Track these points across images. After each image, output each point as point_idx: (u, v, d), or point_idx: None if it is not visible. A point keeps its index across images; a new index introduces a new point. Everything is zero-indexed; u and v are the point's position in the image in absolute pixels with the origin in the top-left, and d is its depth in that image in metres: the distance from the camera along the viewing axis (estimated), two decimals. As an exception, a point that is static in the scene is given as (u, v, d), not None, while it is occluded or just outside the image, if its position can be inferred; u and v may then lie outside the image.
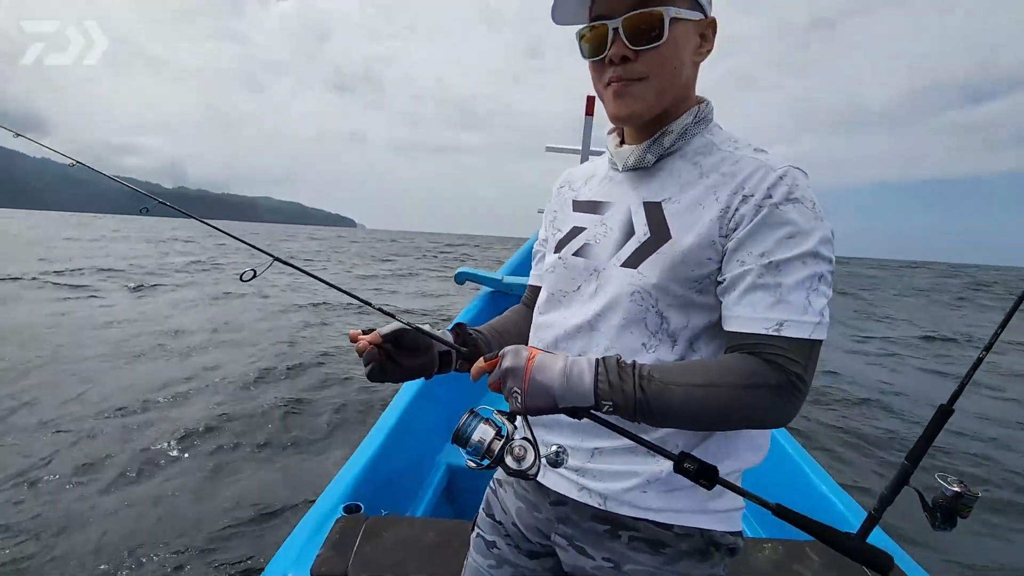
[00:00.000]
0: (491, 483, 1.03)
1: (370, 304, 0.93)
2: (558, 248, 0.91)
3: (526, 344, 0.94)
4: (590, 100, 3.03)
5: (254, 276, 0.89)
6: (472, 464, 0.72)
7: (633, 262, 0.79)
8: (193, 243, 29.02)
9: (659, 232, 0.78)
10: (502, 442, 0.71)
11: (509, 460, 0.70)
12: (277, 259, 0.96)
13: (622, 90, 0.78)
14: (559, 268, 0.89)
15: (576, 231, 0.90)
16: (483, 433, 0.71)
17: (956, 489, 0.82)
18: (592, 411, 0.69)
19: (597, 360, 0.70)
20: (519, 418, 0.73)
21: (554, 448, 0.76)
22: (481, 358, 0.74)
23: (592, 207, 0.90)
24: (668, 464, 0.70)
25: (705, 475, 0.66)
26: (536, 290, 1.03)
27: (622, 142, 0.89)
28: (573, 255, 0.87)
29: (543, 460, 0.72)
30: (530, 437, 0.72)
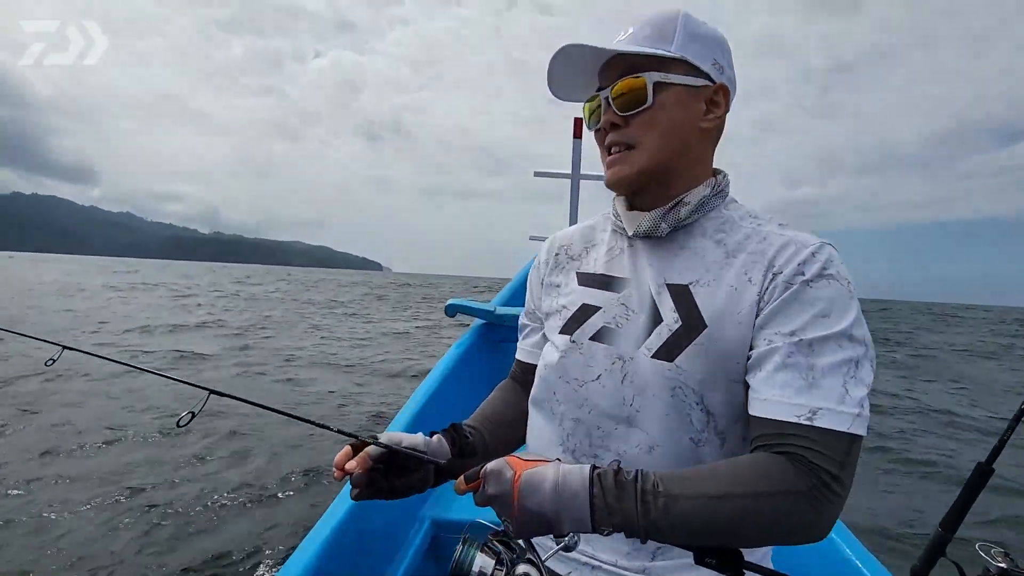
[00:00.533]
0: None
1: (328, 427, 0.83)
2: (568, 329, 0.82)
3: (521, 430, 0.90)
4: (577, 122, 2.82)
5: (192, 419, 0.78)
6: None
7: (667, 354, 0.72)
8: (220, 294, 25.86)
9: (692, 320, 0.72)
10: (504, 571, 0.65)
11: None
12: (214, 392, 0.85)
13: (616, 159, 0.78)
14: (574, 354, 0.80)
15: (589, 310, 0.81)
16: (482, 563, 0.65)
17: (1001, 564, 0.72)
18: None
19: (592, 475, 0.61)
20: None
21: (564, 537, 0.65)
22: (462, 477, 0.65)
23: (604, 282, 0.83)
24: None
25: (732, 565, 0.60)
26: (525, 366, 0.95)
27: (631, 206, 0.84)
28: (591, 339, 0.79)
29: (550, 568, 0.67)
30: (534, 559, 0.65)
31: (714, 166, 0.83)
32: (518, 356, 0.98)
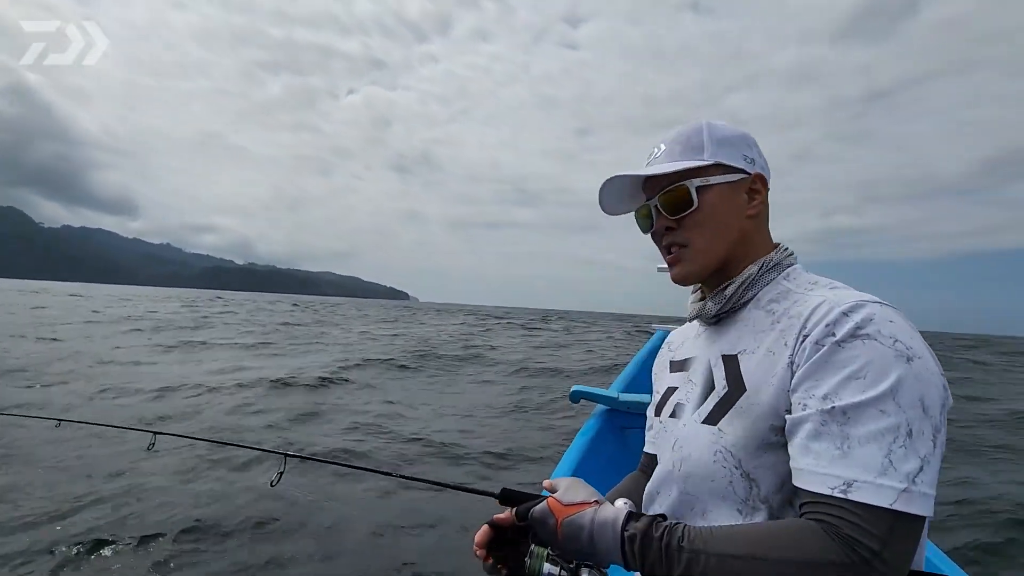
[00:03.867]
0: None
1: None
2: (657, 411, 0.93)
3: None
4: None
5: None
6: None
7: (713, 418, 0.77)
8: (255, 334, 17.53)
9: (735, 385, 0.76)
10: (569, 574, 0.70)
11: None
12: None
13: (674, 258, 0.85)
14: (660, 432, 0.90)
15: (670, 392, 0.91)
16: (550, 569, 0.71)
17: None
18: None
19: (623, 533, 0.67)
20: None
21: None
22: (515, 513, 0.76)
23: (682, 365, 0.92)
24: None
25: None
26: (650, 457, 1.00)
27: (703, 296, 0.90)
28: (670, 417, 0.88)
29: None
30: (594, 564, 0.71)
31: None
32: (644, 448, 1.03)
